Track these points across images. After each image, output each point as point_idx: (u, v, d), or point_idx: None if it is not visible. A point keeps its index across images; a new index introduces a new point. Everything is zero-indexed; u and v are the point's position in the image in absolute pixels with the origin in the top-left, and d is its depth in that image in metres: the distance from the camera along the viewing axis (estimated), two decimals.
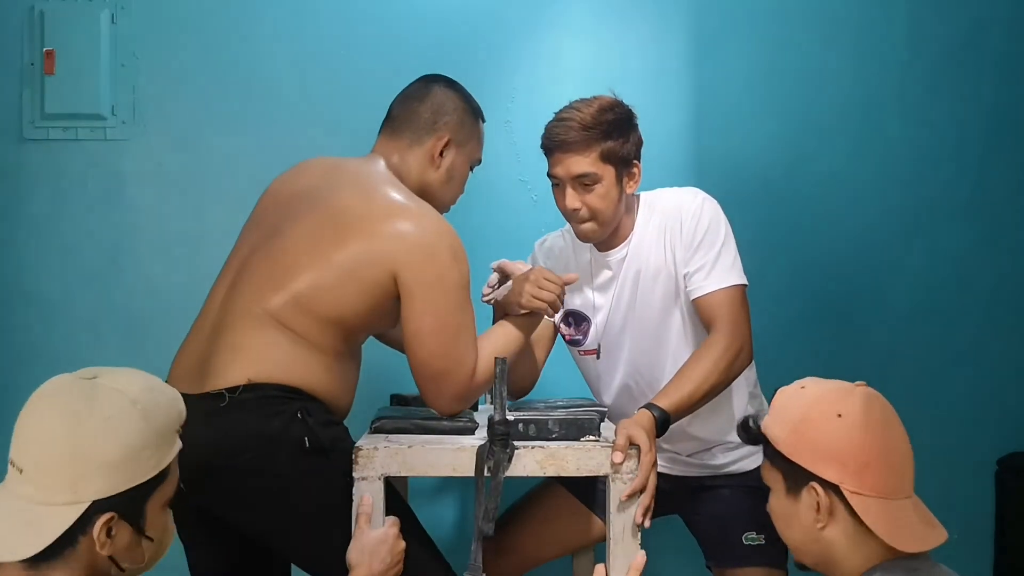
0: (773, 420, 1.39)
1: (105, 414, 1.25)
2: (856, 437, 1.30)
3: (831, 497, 1.30)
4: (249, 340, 1.66)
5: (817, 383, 1.41)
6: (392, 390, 2.21)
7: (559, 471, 1.64)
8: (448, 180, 1.90)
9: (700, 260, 1.96)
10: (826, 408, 1.33)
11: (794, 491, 1.35)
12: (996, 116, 2.73)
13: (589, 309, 2.10)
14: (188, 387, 1.63)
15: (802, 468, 1.32)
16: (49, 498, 1.23)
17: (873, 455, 1.29)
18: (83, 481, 1.23)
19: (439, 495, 2.64)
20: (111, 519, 1.24)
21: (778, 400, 1.42)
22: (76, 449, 1.23)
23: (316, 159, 1.93)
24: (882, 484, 1.29)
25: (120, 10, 2.61)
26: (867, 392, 1.36)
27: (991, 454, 2.71)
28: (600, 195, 1.94)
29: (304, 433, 1.62)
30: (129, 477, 1.25)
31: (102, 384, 1.28)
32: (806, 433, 1.33)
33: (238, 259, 1.79)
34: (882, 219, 2.72)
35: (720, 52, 2.68)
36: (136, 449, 1.26)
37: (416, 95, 1.90)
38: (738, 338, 1.90)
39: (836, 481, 1.29)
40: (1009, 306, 2.75)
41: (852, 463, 1.29)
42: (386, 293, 1.70)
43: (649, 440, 1.66)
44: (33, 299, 2.60)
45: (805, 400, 1.37)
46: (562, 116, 1.96)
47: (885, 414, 1.35)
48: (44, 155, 2.61)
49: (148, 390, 1.31)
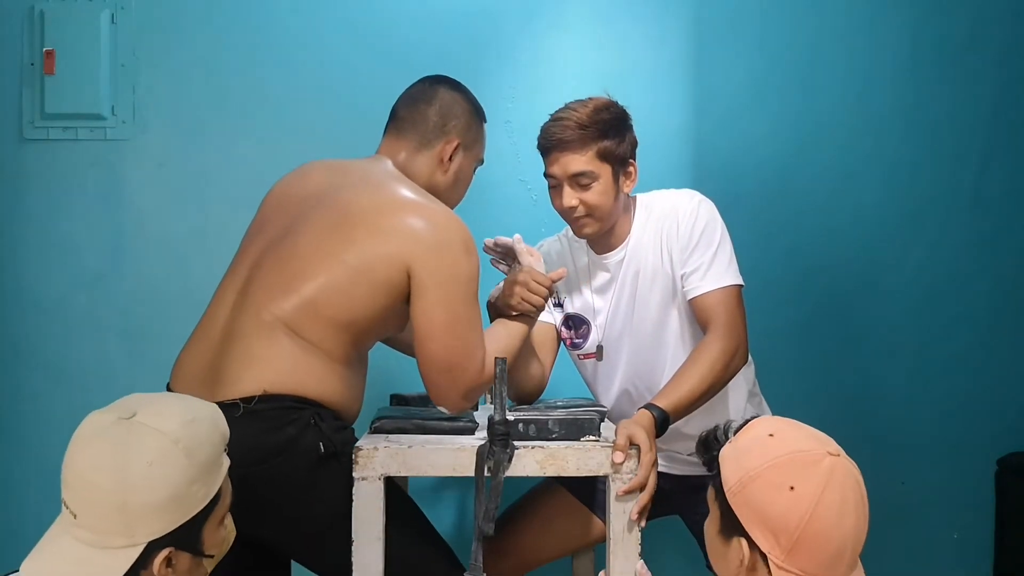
0: (730, 455, 1.31)
1: (148, 459, 1.25)
2: (797, 516, 1.21)
3: (756, 558, 1.25)
4: (263, 350, 1.65)
5: (790, 435, 1.30)
6: (392, 390, 2.21)
7: (559, 471, 1.64)
8: (455, 183, 1.91)
9: (696, 261, 1.96)
10: (782, 475, 1.24)
11: (726, 533, 1.29)
12: (996, 116, 2.74)
13: (588, 312, 2.10)
14: (198, 394, 1.63)
15: (738, 520, 1.26)
16: (106, 543, 1.24)
17: (809, 538, 1.21)
18: (136, 526, 1.24)
19: (439, 495, 2.64)
20: (170, 553, 1.26)
21: (744, 437, 1.33)
22: (124, 499, 1.24)
23: (320, 161, 1.92)
24: (811, 567, 1.22)
25: (120, 10, 2.61)
26: (833, 466, 1.24)
27: (991, 454, 2.71)
28: (597, 192, 1.95)
29: (318, 439, 1.62)
30: (182, 514, 1.27)
31: (141, 425, 1.28)
32: (752, 492, 1.25)
33: (246, 262, 1.77)
34: (881, 219, 2.72)
35: (720, 52, 2.68)
36: (184, 487, 1.26)
37: (423, 97, 1.90)
38: (734, 338, 1.91)
39: (764, 550, 1.23)
40: (1009, 306, 2.75)
41: (785, 540, 1.22)
42: (398, 291, 1.70)
43: (649, 440, 1.67)
44: (33, 299, 2.60)
45: (766, 456, 1.26)
46: (558, 116, 1.97)
47: (844, 496, 1.23)
48: (44, 155, 2.61)
49: (188, 423, 1.30)
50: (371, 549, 1.60)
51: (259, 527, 1.68)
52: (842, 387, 2.68)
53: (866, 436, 2.65)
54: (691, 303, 1.97)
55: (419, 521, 1.78)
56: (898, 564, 2.58)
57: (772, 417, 1.38)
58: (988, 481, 2.72)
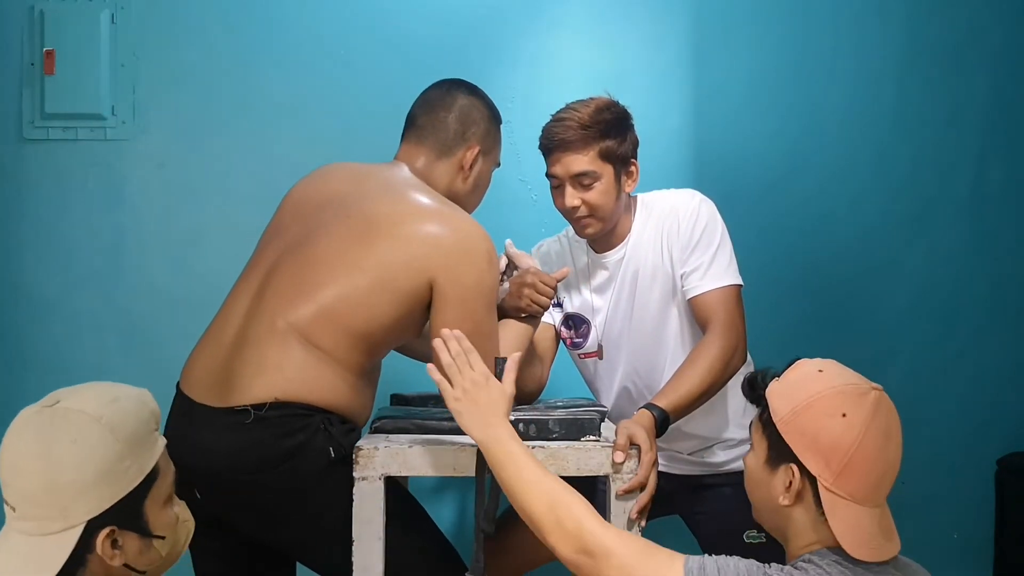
0: (779, 391, 1.38)
1: (71, 437, 1.25)
2: (849, 441, 1.30)
3: (804, 483, 1.33)
4: (276, 358, 1.63)
5: (836, 371, 1.39)
6: (392, 390, 2.21)
7: (559, 471, 1.64)
8: (475, 188, 1.90)
9: (696, 260, 1.97)
10: (834, 403, 1.32)
11: (773, 463, 1.36)
12: (994, 116, 2.74)
13: (588, 311, 2.10)
14: (208, 397, 1.63)
15: (788, 447, 1.33)
16: (45, 528, 1.24)
17: (858, 463, 1.30)
18: (70, 506, 1.24)
19: (439, 495, 2.64)
20: (111, 532, 1.26)
21: (792, 373, 1.41)
22: (52, 479, 1.24)
23: (338, 164, 1.89)
24: (857, 490, 1.30)
25: (120, 10, 2.61)
26: (879, 399, 1.35)
27: (991, 454, 2.71)
28: (599, 192, 1.95)
29: (328, 444, 1.62)
30: (114, 491, 1.26)
31: (63, 408, 1.28)
32: (805, 419, 1.33)
33: (262, 267, 1.74)
34: (881, 219, 2.72)
35: (720, 52, 2.68)
36: (111, 463, 1.26)
37: (441, 103, 1.87)
38: (733, 338, 1.91)
39: (815, 473, 1.31)
40: (1008, 306, 2.75)
41: (836, 463, 1.30)
42: (419, 301, 1.69)
43: (649, 439, 1.67)
44: (33, 299, 2.60)
45: (816, 387, 1.35)
46: (560, 116, 1.97)
47: (889, 425, 1.34)
48: (44, 155, 2.61)
49: (111, 402, 1.30)
50: (371, 549, 1.60)
51: (270, 531, 1.68)
52: None
53: None
54: (690, 302, 1.98)
55: (421, 521, 1.78)
56: None
57: (816, 359, 1.44)
58: (988, 481, 2.72)
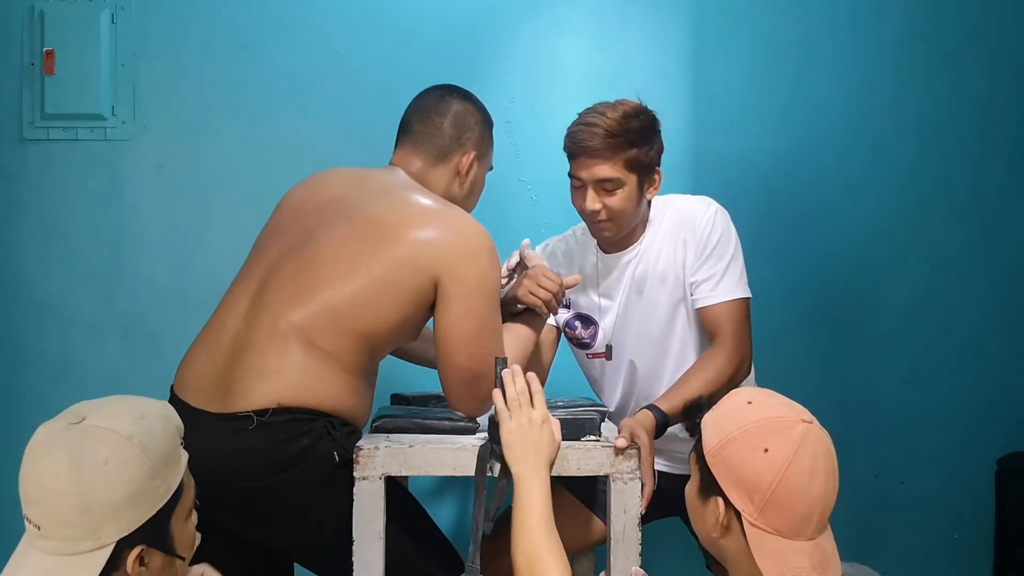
0: (712, 422, 1.38)
1: (103, 458, 1.23)
2: (770, 477, 1.28)
3: (730, 516, 1.32)
4: (276, 362, 1.63)
5: (764, 403, 1.36)
6: (392, 390, 2.21)
7: (559, 471, 1.64)
8: (471, 192, 1.91)
9: (709, 270, 1.97)
10: (757, 438, 1.30)
11: (703, 494, 1.36)
12: (994, 116, 2.73)
13: (595, 312, 2.10)
14: (208, 403, 1.63)
15: (716, 480, 1.33)
16: (74, 548, 1.22)
17: (781, 498, 1.28)
18: (102, 527, 1.22)
19: (439, 495, 2.64)
20: (141, 551, 1.25)
21: (723, 405, 1.40)
22: (85, 500, 1.22)
23: (336, 170, 1.90)
24: (783, 525, 1.28)
25: (120, 10, 2.61)
26: (806, 432, 1.31)
27: (991, 454, 2.71)
28: (622, 199, 1.94)
29: (332, 448, 1.62)
30: (146, 510, 1.26)
31: (91, 426, 1.26)
32: (730, 453, 1.32)
33: (260, 268, 1.74)
34: (880, 219, 2.72)
35: (720, 52, 2.68)
36: (143, 482, 1.25)
37: (436, 109, 1.87)
38: (740, 352, 1.92)
39: (739, 508, 1.30)
40: (1008, 306, 2.75)
41: (759, 499, 1.28)
42: (423, 301, 1.69)
43: (649, 441, 1.68)
44: (33, 299, 2.60)
45: (743, 419, 1.33)
46: (587, 120, 1.93)
47: (814, 460, 1.29)
48: (44, 155, 2.61)
49: (139, 419, 1.28)
50: (372, 549, 1.60)
51: (271, 534, 1.68)
52: (841, 387, 2.67)
53: (866, 436, 2.66)
54: (699, 312, 1.98)
55: (421, 521, 1.78)
56: (898, 564, 2.58)
57: (752, 387, 1.42)
58: (988, 481, 2.71)
